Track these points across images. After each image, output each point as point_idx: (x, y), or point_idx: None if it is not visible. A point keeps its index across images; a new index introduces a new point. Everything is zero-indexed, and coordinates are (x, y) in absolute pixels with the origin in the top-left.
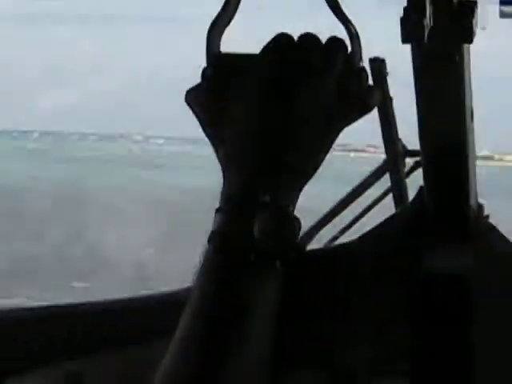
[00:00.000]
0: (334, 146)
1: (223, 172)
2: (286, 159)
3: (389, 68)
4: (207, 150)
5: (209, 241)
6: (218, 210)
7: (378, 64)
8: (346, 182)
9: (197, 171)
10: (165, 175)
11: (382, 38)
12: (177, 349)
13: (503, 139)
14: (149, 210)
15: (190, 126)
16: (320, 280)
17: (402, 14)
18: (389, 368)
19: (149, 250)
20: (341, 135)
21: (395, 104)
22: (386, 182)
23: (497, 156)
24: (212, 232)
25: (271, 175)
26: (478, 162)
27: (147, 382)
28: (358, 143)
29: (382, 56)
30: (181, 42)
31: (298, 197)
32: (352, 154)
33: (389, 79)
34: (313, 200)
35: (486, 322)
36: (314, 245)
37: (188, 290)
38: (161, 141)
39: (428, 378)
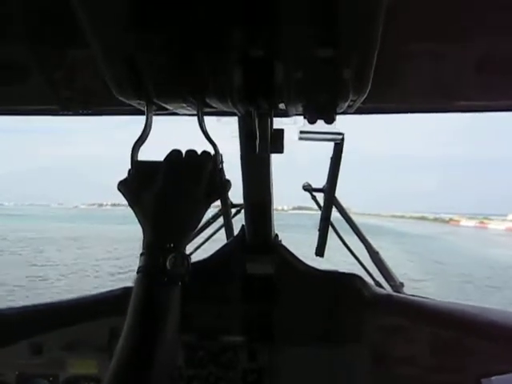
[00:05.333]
0: None
1: (143, 230)
2: (178, 224)
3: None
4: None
5: (138, 272)
6: (142, 254)
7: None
8: None
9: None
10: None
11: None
12: (125, 333)
13: None
14: None
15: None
16: (199, 285)
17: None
18: (230, 327)
19: None
20: None
21: None
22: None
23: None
24: (139, 267)
25: (171, 232)
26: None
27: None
28: None
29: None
30: None
31: (188, 242)
32: None
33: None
34: None
35: (282, 299)
36: None
37: (126, 288)
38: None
39: (253, 334)
